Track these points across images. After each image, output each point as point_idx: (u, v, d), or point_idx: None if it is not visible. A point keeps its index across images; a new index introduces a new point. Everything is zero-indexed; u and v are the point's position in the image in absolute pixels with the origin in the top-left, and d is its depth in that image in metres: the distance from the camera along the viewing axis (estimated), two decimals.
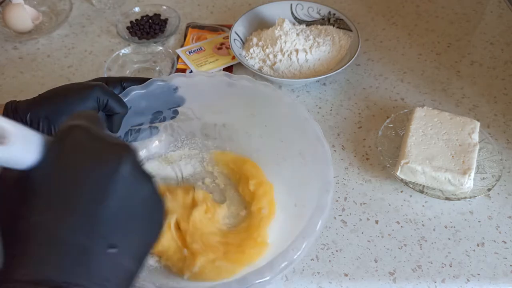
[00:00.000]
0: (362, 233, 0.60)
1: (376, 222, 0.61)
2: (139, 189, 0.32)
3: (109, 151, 0.31)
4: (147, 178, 0.33)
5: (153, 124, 0.61)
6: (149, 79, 0.56)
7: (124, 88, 0.55)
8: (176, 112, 0.61)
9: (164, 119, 0.61)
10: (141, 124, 0.59)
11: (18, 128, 0.29)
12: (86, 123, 0.32)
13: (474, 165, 0.61)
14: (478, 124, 0.66)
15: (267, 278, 0.41)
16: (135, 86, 0.55)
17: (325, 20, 0.86)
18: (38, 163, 0.29)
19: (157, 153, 0.63)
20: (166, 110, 0.60)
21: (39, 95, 0.51)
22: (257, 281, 0.41)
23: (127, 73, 0.81)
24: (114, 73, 0.79)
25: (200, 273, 0.51)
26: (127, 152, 0.31)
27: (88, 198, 0.29)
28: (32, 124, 0.48)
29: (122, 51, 0.81)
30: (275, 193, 0.59)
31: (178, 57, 0.83)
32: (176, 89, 0.58)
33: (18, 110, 0.49)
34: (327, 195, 0.47)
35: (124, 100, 0.53)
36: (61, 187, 0.29)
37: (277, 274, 0.42)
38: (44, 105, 0.50)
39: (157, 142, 0.63)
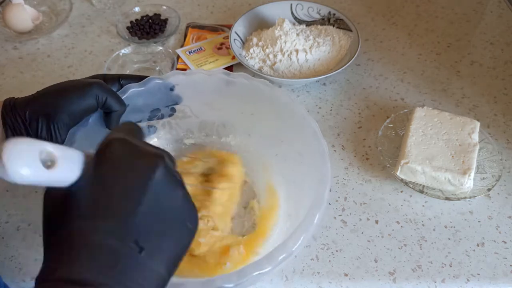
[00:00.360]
0: (362, 233, 0.60)
1: (376, 222, 0.61)
2: (171, 196, 0.33)
3: (142, 160, 0.33)
4: (179, 185, 0.34)
5: (151, 122, 0.61)
6: (147, 76, 0.56)
7: (122, 86, 0.55)
8: (173, 110, 0.61)
9: (162, 117, 0.61)
10: (139, 122, 0.59)
11: (63, 150, 0.32)
12: (124, 135, 0.34)
13: (474, 165, 0.61)
14: (478, 124, 0.66)
15: (267, 269, 0.42)
16: (133, 84, 0.55)
17: (325, 20, 0.86)
18: (79, 178, 0.32)
19: None
20: (164, 107, 0.60)
21: (37, 92, 0.51)
22: (256, 273, 0.41)
23: (127, 72, 0.81)
24: (114, 73, 0.79)
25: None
26: (159, 161, 0.33)
27: (121, 205, 0.31)
28: (31, 121, 0.48)
29: (122, 51, 0.81)
30: (275, 189, 0.59)
31: (178, 57, 0.83)
32: (172, 88, 0.58)
33: (17, 107, 0.49)
34: (324, 188, 0.47)
35: (122, 98, 0.53)
36: (97, 197, 0.32)
37: (276, 266, 0.42)
38: (42, 103, 0.49)
39: (155, 139, 0.63)
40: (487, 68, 0.82)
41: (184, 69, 0.81)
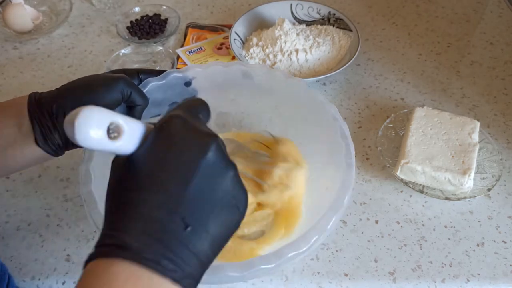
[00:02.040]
0: (362, 233, 0.60)
1: (376, 222, 0.61)
2: (222, 176, 0.34)
3: (197, 139, 0.34)
4: (231, 166, 0.35)
5: None
6: (165, 71, 0.57)
7: (141, 80, 0.56)
8: None
9: None
10: (158, 115, 0.60)
11: (130, 124, 0.33)
12: (183, 113, 0.36)
13: (474, 165, 0.61)
14: (478, 124, 0.66)
15: (303, 250, 0.43)
16: (153, 78, 0.56)
17: (325, 20, 0.86)
18: (139, 149, 0.33)
19: None
20: (182, 101, 0.60)
21: (62, 86, 0.51)
22: (293, 253, 0.42)
23: None
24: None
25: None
26: (213, 141, 0.34)
27: (174, 180, 0.33)
28: (58, 115, 0.48)
29: (122, 51, 0.81)
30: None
31: (178, 57, 0.83)
32: (187, 83, 0.58)
33: (42, 101, 0.49)
34: (350, 171, 0.48)
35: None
36: (153, 169, 0.33)
37: (311, 246, 0.43)
38: (69, 97, 0.49)
39: None
40: (487, 68, 0.82)
41: None
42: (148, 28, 0.87)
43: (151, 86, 0.55)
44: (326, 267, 0.57)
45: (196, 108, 0.38)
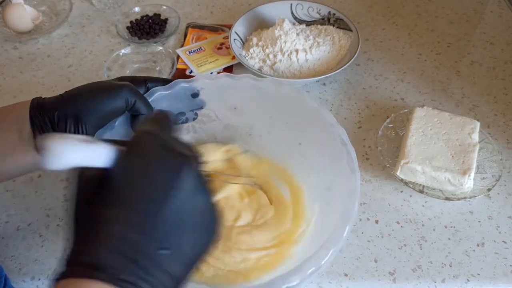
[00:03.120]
0: (362, 233, 0.60)
1: (376, 222, 0.61)
2: (197, 198, 0.34)
3: (173, 159, 0.33)
4: (206, 189, 0.34)
5: (175, 125, 0.60)
6: (173, 80, 0.56)
7: (148, 89, 0.55)
8: (197, 114, 0.60)
9: (186, 121, 0.60)
10: None
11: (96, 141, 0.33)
12: (157, 129, 0.35)
13: (474, 165, 0.61)
14: (478, 124, 0.66)
15: (295, 283, 0.41)
16: (160, 87, 0.55)
17: (325, 20, 0.86)
18: (110, 168, 0.33)
19: None
20: (189, 111, 0.59)
21: (66, 92, 0.50)
22: (284, 286, 0.41)
23: (127, 73, 0.81)
24: (114, 73, 0.79)
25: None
26: (189, 162, 0.33)
27: (149, 200, 0.32)
28: (59, 122, 0.48)
29: (122, 51, 0.81)
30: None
31: (178, 57, 0.83)
32: (194, 95, 0.57)
33: (45, 108, 0.49)
34: (354, 201, 0.46)
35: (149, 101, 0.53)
36: (127, 188, 0.32)
37: (305, 279, 0.42)
38: (71, 104, 0.49)
39: None
40: (487, 68, 0.82)
41: (184, 69, 0.81)
42: (148, 28, 0.87)
43: (157, 95, 0.54)
44: (326, 267, 0.56)
45: (169, 123, 0.37)
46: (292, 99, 0.56)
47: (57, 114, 0.48)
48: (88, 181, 0.33)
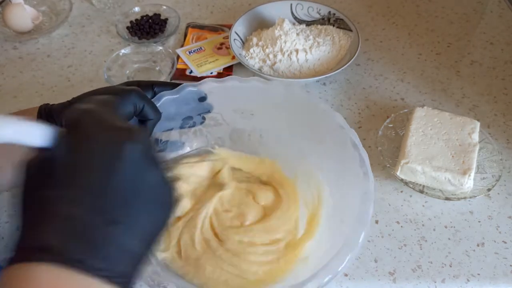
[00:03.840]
0: None
1: (376, 222, 0.61)
2: (145, 172, 0.33)
3: (115, 133, 0.33)
4: (156, 163, 0.34)
5: (183, 130, 0.60)
6: (180, 84, 0.55)
7: (155, 93, 0.54)
8: (204, 118, 0.60)
9: (193, 125, 0.59)
10: (171, 129, 0.58)
11: (23, 124, 0.33)
12: (97, 107, 0.35)
13: (474, 165, 0.61)
14: (478, 124, 0.66)
15: None
16: (167, 91, 0.54)
17: (325, 20, 0.86)
18: (52, 148, 0.32)
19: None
20: (196, 115, 0.59)
21: (73, 98, 0.50)
22: None
23: (127, 73, 0.81)
24: (114, 73, 0.79)
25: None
26: (132, 136, 0.33)
27: (91, 175, 0.32)
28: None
29: (122, 51, 0.81)
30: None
31: (178, 57, 0.83)
32: (202, 99, 0.57)
33: (53, 114, 0.48)
34: (368, 206, 0.46)
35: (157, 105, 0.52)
36: (68, 166, 0.32)
37: (321, 287, 0.42)
38: None
39: (188, 148, 0.62)
40: (487, 68, 0.82)
41: (184, 69, 0.81)
42: (148, 28, 0.87)
43: (165, 99, 0.54)
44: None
45: (111, 102, 0.37)
46: (301, 101, 0.56)
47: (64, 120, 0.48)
48: (33, 166, 0.33)
